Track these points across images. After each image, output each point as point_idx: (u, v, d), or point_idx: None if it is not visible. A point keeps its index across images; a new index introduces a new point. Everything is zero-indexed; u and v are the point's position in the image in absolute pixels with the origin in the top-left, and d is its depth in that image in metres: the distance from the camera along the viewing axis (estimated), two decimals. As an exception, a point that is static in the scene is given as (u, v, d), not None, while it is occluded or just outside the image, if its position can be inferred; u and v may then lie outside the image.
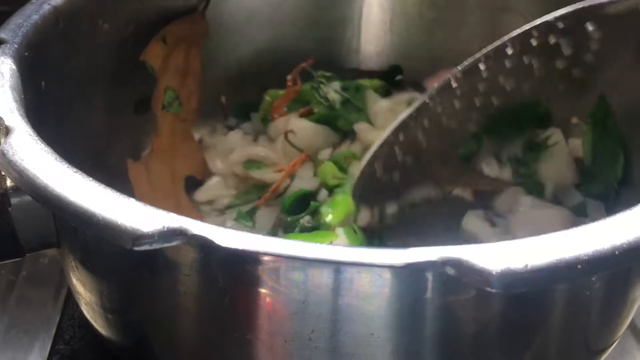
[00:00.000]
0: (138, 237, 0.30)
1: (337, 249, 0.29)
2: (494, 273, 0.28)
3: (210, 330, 0.36)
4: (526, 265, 0.29)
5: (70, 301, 0.52)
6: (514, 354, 0.36)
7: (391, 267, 0.29)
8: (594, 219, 0.31)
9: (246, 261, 0.31)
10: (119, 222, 0.30)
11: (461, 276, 0.29)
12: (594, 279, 0.35)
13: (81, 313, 0.43)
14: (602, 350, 0.41)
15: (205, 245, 0.30)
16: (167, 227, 0.30)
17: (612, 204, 0.51)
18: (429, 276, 0.31)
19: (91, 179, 0.33)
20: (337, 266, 0.30)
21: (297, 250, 0.29)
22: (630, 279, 0.38)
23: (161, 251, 0.33)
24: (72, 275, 0.41)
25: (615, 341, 0.41)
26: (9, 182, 0.37)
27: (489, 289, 0.29)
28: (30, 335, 0.50)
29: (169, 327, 0.38)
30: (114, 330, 0.41)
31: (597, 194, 0.53)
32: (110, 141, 0.55)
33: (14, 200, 0.37)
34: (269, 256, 0.30)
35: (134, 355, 0.42)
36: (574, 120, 0.57)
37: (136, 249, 0.30)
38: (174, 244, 0.30)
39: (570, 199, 0.54)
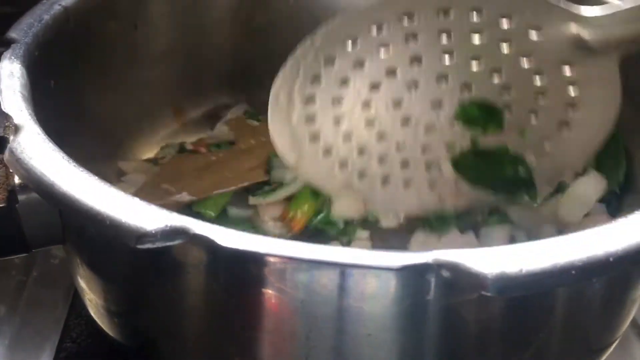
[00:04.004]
0: (141, 236, 0.31)
1: (338, 250, 0.30)
2: (489, 277, 0.29)
3: (213, 329, 0.37)
4: (521, 270, 0.29)
5: (78, 299, 0.52)
6: (514, 353, 0.37)
7: (388, 270, 0.30)
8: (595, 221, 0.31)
9: (247, 261, 0.32)
10: (123, 221, 0.31)
11: (457, 279, 0.29)
12: (594, 280, 0.36)
13: (88, 311, 0.43)
14: (603, 349, 0.42)
15: (206, 245, 0.30)
16: (170, 226, 0.31)
17: (614, 209, 0.52)
18: (428, 279, 0.31)
19: (97, 177, 0.34)
20: (336, 268, 0.31)
21: (296, 251, 0.30)
22: (629, 281, 0.39)
23: (166, 250, 0.34)
24: (77, 273, 0.42)
25: (615, 340, 0.42)
26: (16, 180, 0.38)
27: (484, 293, 0.29)
28: (42, 336, 0.50)
29: (173, 325, 0.38)
30: (119, 328, 0.42)
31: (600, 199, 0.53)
32: (118, 141, 0.56)
33: (21, 197, 0.38)
34: (269, 257, 0.31)
35: (138, 353, 0.42)
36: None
37: (139, 247, 0.31)
38: (176, 242, 0.31)
39: None
